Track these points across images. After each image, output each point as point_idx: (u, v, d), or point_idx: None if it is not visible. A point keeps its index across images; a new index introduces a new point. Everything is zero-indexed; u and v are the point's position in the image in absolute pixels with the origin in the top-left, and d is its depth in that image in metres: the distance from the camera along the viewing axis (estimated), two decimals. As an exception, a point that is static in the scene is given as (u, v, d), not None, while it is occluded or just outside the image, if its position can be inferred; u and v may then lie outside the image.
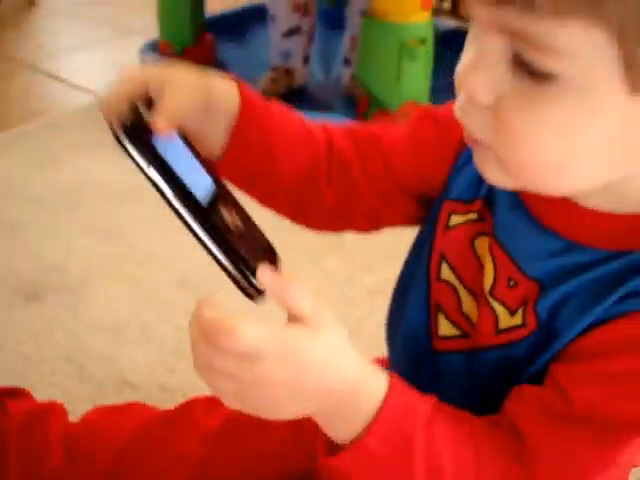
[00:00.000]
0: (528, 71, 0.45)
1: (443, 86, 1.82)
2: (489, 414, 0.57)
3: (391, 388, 0.51)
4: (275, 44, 2.01)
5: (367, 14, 1.74)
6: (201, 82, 0.57)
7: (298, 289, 0.47)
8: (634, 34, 0.41)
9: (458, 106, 0.50)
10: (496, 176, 0.52)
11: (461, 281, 0.62)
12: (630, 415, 0.53)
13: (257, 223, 0.53)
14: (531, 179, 0.50)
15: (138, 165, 0.48)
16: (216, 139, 0.60)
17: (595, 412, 0.53)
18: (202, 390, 1.10)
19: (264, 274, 0.48)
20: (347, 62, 2.02)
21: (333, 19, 2.19)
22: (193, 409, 0.87)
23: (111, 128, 0.48)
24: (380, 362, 0.74)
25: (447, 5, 2.62)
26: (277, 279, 0.48)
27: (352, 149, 0.65)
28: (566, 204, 0.54)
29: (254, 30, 2.31)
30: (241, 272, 0.48)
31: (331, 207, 0.66)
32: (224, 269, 0.48)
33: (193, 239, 0.48)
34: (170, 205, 0.48)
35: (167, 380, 1.21)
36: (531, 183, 0.51)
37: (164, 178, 0.48)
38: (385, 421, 0.50)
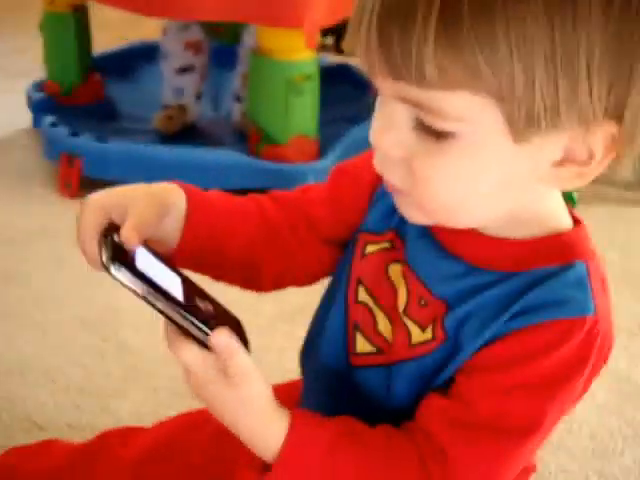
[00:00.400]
0: (429, 131, 0.54)
1: (329, 119, 1.92)
2: (406, 421, 0.65)
3: (291, 428, 0.60)
4: (168, 81, 2.04)
5: (255, 52, 1.81)
6: (155, 196, 0.65)
7: (238, 353, 0.57)
8: (510, 98, 0.50)
9: (377, 161, 0.59)
10: (414, 216, 0.61)
11: (376, 303, 0.69)
12: (524, 420, 0.61)
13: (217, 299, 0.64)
14: (442, 218, 0.59)
15: (131, 289, 0.57)
16: (171, 239, 0.67)
17: (494, 418, 0.61)
18: (109, 425, 1.12)
19: (220, 335, 0.57)
20: (238, 99, 2.06)
21: (222, 57, 2.24)
22: (109, 441, 0.89)
23: (100, 261, 0.57)
24: (296, 384, 0.80)
25: (330, 41, 2.72)
26: (228, 342, 0.57)
27: (281, 216, 0.73)
28: (467, 232, 0.62)
29: (142, 68, 2.33)
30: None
31: (273, 272, 0.73)
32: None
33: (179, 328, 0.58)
34: (159, 310, 0.57)
35: (75, 419, 1.22)
36: (443, 220, 0.60)
37: (155, 293, 0.57)
38: (286, 458, 0.60)
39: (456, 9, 0.48)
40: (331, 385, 0.73)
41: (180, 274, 0.62)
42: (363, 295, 0.70)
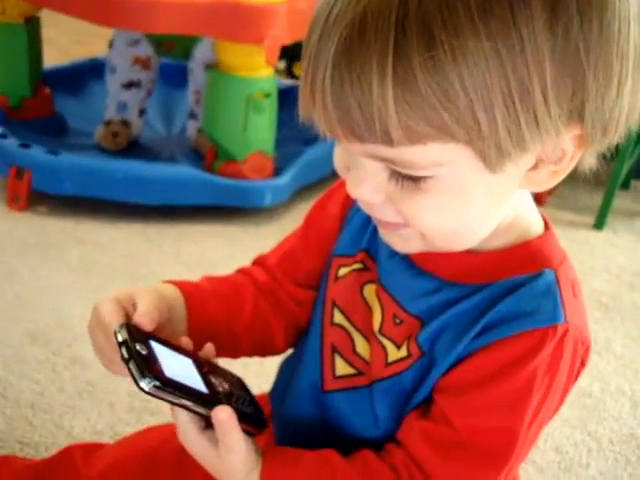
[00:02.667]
0: (406, 177, 0.53)
1: (282, 139, 1.91)
2: (390, 441, 0.64)
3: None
4: (113, 95, 2.00)
5: (212, 67, 1.79)
6: (156, 290, 0.67)
7: (235, 431, 0.59)
8: (477, 139, 0.50)
9: (362, 205, 0.58)
10: (404, 246, 0.60)
11: (352, 324, 0.68)
12: (505, 436, 0.60)
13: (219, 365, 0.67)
14: (443, 244, 0.58)
15: (166, 401, 0.58)
16: (181, 329, 0.69)
17: (475, 437, 0.60)
18: (63, 442, 1.07)
19: (222, 413, 0.59)
20: (193, 115, 2.04)
21: (172, 74, 2.22)
22: (72, 457, 0.85)
23: (134, 382, 0.57)
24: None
25: (282, 65, 2.73)
26: (228, 420, 0.59)
27: (270, 279, 0.76)
28: None
29: (91, 84, 2.29)
30: (255, 421, 0.63)
31: (283, 331, 0.76)
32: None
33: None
34: (184, 406, 0.59)
35: (28, 435, 1.16)
36: (444, 246, 0.59)
37: (188, 398, 0.58)
38: None
39: (409, 71, 0.47)
40: (308, 417, 0.72)
41: (188, 354, 0.64)
42: (339, 317, 0.69)
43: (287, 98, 1.91)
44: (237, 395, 0.63)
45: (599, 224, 2.00)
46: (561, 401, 0.63)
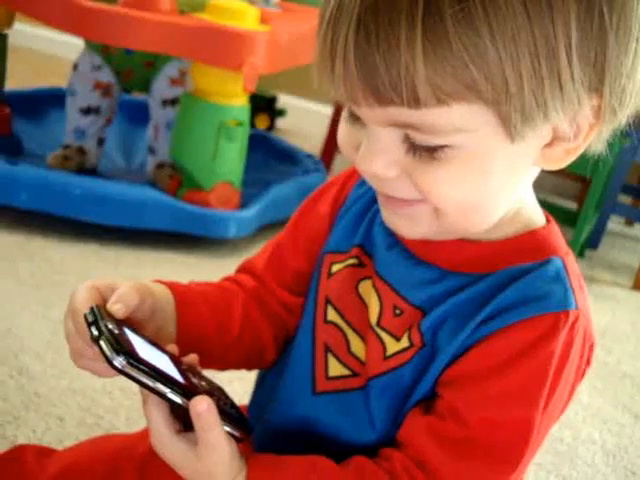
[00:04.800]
0: (423, 147, 0.51)
1: (245, 180, 1.86)
2: (386, 446, 0.60)
3: None
4: (71, 120, 1.93)
5: (189, 93, 1.75)
6: (140, 282, 0.63)
7: (217, 426, 0.55)
8: (504, 100, 0.49)
9: (372, 183, 0.56)
10: (415, 228, 0.57)
11: (347, 321, 0.65)
12: (516, 430, 0.57)
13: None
14: (454, 223, 0.55)
15: (137, 380, 0.53)
16: (170, 330, 0.65)
17: (486, 431, 0.57)
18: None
19: (202, 404, 0.54)
20: (151, 151, 1.98)
21: (138, 109, 2.17)
22: (23, 455, 0.77)
23: (104, 357, 0.52)
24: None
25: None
26: (209, 412, 0.54)
27: (258, 285, 0.72)
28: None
29: (51, 112, 2.22)
30: (239, 426, 0.57)
31: (273, 338, 0.72)
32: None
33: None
34: (159, 393, 0.54)
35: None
36: (452, 227, 0.56)
37: (163, 381, 0.54)
38: None
39: (439, 23, 0.47)
40: (295, 424, 0.67)
41: (165, 351, 0.59)
42: (332, 314, 0.66)
43: (250, 144, 1.89)
44: (218, 396, 0.58)
45: (559, 286, 2.02)
46: (568, 399, 0.60)
